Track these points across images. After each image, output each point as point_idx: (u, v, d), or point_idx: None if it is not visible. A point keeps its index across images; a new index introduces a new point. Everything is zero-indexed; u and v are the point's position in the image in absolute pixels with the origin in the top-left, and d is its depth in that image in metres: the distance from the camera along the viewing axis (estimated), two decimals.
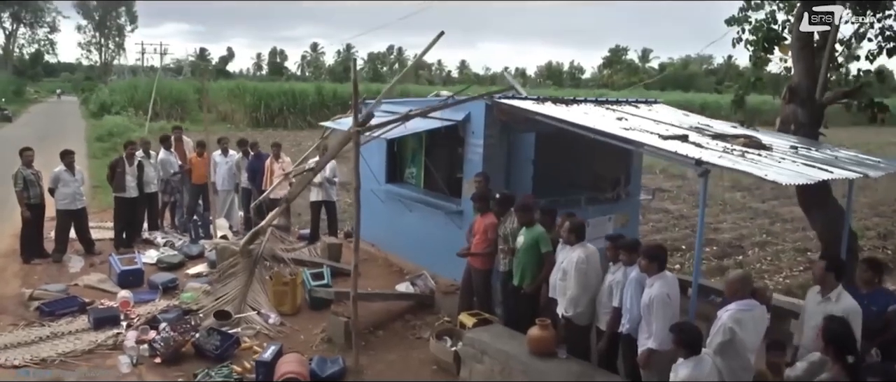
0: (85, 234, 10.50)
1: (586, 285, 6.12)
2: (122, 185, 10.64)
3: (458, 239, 8.31)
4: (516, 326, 6.77)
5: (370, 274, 9.85)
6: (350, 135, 6.87)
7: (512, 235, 7.22)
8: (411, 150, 10.41)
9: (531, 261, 6.88)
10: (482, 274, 7.69)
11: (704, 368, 4.57)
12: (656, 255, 5.47)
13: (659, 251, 5.57)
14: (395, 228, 10.29)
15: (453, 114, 8.71)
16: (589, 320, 6.26)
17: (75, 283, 9.13)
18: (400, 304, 8.52)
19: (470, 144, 8.67)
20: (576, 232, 6.27)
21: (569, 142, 10.21)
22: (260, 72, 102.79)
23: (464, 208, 8.78)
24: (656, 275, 5.42)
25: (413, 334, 7.85)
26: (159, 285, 8.87)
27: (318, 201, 11.22)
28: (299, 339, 7.60)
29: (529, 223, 6.97)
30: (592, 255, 6.22)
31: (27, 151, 10.12)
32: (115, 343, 7.19)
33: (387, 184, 10.42)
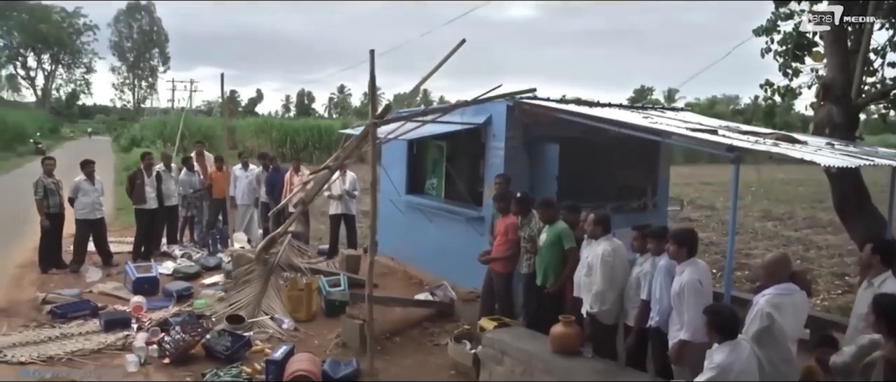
0: (103, 245, 10.42)
1: (613, 279, 5.78)
2: (141, 197, 10.58)
3: (479, 247, 8.04)
4: (539, 328, 6.43)
5: (389, 286, 9.59)
6: (368, 129, 6.69)
7: (535, 235, 6.94)
8: (432, 161, 10.22)
9: (554, 259, 6.57)
10: (503, 278, 7.38)
11: (742, 353, 4.20)
12: (685, 239, 5.14)
13: (688, 235, 5.23)
14: (415, 240, 10.05)
15: (474, 117, 8.53)
16: (615, 319, 5.91)
17: (90, 290, 9.01)
18: (418, 312, 8.21)
19: (491, 148, 8.45)
20: (602, 224, 5.97)
21: (593, 151, 10.00)
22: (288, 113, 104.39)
23: (485, 214, 8.53)
24: (686, 262, 5.08)
25: (431, 341, 7.54)
26: (173, 293, 8.69)
27: (338, 214, 11.04)
28: (313, 344, 7.32)
29: (552, 220, 6.69)
30: (619, 249, 5.90)
31: (48, 160, 10.15)
32: (124, 345, 6.99)
33: (407, 195, 10.21)
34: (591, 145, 9.88)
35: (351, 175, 11.17)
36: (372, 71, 6.45)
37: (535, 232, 6.98)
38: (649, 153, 9.83)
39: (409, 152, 10.26)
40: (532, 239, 6.95)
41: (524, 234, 7.13)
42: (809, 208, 22.12)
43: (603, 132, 9.15)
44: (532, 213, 7.11)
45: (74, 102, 79.37)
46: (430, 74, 7.46)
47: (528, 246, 6.97)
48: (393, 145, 10.55)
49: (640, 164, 9.90)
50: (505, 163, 8.18)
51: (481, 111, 8.48)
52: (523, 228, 7.16)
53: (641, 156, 9.81)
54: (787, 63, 10.43)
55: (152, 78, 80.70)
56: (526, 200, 7.21)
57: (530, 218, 7.11)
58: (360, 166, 12.10)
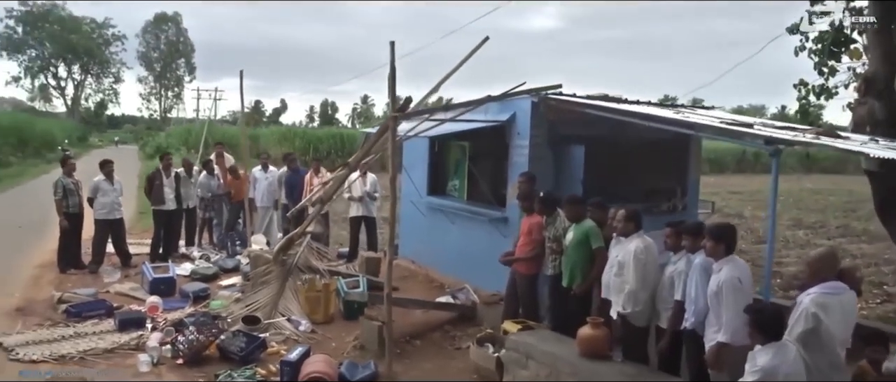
0: (122, 246, 10.32)
1: (646, 279, 5.47)
2: (159, 197, 10.48)
3: (502, 249, 7.76)
4: (566, 331, 6.14)
5: (410, 289, 9.34)
6: (387, 123, 6.47)
7: (560, 234, 6.67)
8: (454, 162, 9.98)
9: (582, 259, 6.28)
10: (527, 280, 7.10)
11: (788, 355, 3.88)
12: (723, 235, 4.82)
13: (726, 230, 4.91)
14: (437, 242, 9.80)
15: (497, 114, 8.29)
16: (647, 321, 5.60)
17: (106, 290, 8.90)
18: (439, 315, 7.95)
19: (515, 146, 8.19)
20: (633, 220, 5.67)
21: (619, 153, 9.67)
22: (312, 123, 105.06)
23: (509, 215, 8.26)
24: (724, 259, 4.77)
25: (452, 344, 7.27)
26: (190, 294, 8.54)
27: (358, 217, 10.84)
28: (331, 346, 7.09)
29: (579, 218, 6.40)
30: (651, 247, 5.59)
31: (69, 160, 10.09)
32: (137, 344, 6.82)
33: (428, 197, 9.98)
34: (618, 146, 9.56)
35: (372, 177, 10.97)
36: (392, 62, 6.24)
37: (560, 232, 6.70)
38: (678, 154, 9.50)
39: (430, 152, 10.03)
40: (557, 239, 6.66)
41: (549, 234, 6.85)
42: (842, 217, 21.50)
43: (630, 132, 8.90)
44: (557, 213, 6.84)
45: (103, 112, 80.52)
46: (453, 72, 7.25)
47: (554, 246, 6.68)
48: (414, 146, 10.35)
49: (668, 166, 9.57)
50: (529, 161, 7.91)
51: (505, 108, 8.24)
52: (548, 228, 6.89)
53: (670, 158, 9.48)
54: (822, 61, 10.04)
55: (178, 88, 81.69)
56: (550, 199, 6.94)
57: (555, 218, 6.84)
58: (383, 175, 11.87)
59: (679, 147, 9.49)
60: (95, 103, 79.13)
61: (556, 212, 6.85)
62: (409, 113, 6.50)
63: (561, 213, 6.82)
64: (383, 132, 6.79)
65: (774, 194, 5.30)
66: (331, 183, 7.89)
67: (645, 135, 9.11)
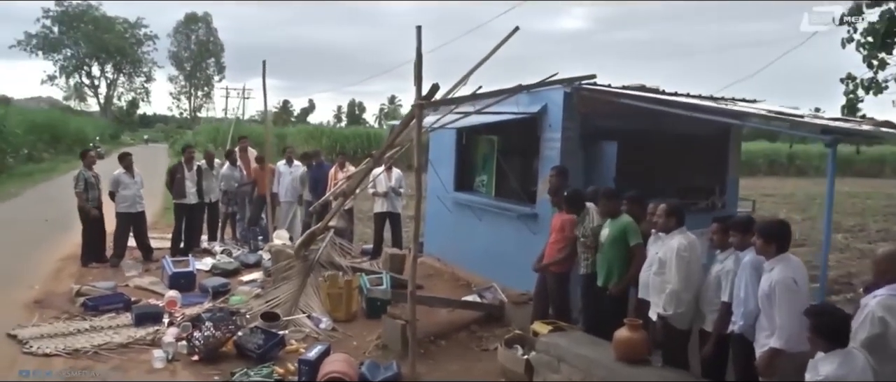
0: (143, 239, 10.17)
1: (689, 278, 5.07)
2: (181, 191, 10.31)
3: (532, 247, 7.43)
4: (600, 333, 5.77)
5: (435, 288, 9.02)
6: (413, 111, 6.16)
7: (593, 232, 6.30)
8: (482, 157, 9.64)
9: (618, 256, 5.90)
10: (559, 279, 6.74)
11: (856, 364, 3.47)
12: (775, 233, 4.37)
13: (778, 228, 4.44)
14: (464, 240, 9.48)
15: (528, 106, 7.93)
16: (690, 323, 5.19)
17: (126, 284, 8.73)
18: (466, 315, 7.63)
19: (546, 140, 7.82)
20: (675, 215, 5.27)
21: (654, 148, 9.26)
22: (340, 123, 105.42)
23: (538, 211, 7.90)
24: (776, 258, 4.34)
25: (479, 345, 6.94)
26: (210, 289, 8.32)
27: (383, 212, 10.55)
28: (352, 345, 6.80)
29: (614, 213, 6.02)
30: (695, 244, 5.18)
31: (89, 153, 9.97)
32: (153, 340, 6.60)
33: (455, 193, 9.65)
34: (652, 141, 9.17)
35: (397, 172, 10.68)
36: (418, 49, 5.93)
37: (589, 230, 6.33)
38: (716, 150, 9.06)
39: (457, 147, 9.71)
40: (593, 235, 6.28)
41: (579, 232, 6.48)
42: (882, 220, 20.70)
43: (665, 126, 8.50)
44: (586, 210, 6.46)
45: (134, 110, 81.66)
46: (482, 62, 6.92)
47: (588, 243, 6.31)
48: (441, 141, 10.05)
49: (706, 163, 9.13)
50: (561, 155, 7.54)
51: (536, 100, 7.89)
52: (578, 226, 6.52)
53: (708, 154, 9.05)
54: (872, 54, 9.52)
55: (208, 87, 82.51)
56: (576, 197, 6.54)
57: (584, 216, 6.46)
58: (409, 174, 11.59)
59: (717, 143, 9.06)
60: (127, 102, 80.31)
61: (585, 209, 6.48)
62: (435, 101, 6.17)
63: (591, 210, 6.44)
64: (408, 122, 6.48)
65: (831, 188, 4.89)
66: (354, 177, 7.58)
67: (681, 129, 8.72)
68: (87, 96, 77.95)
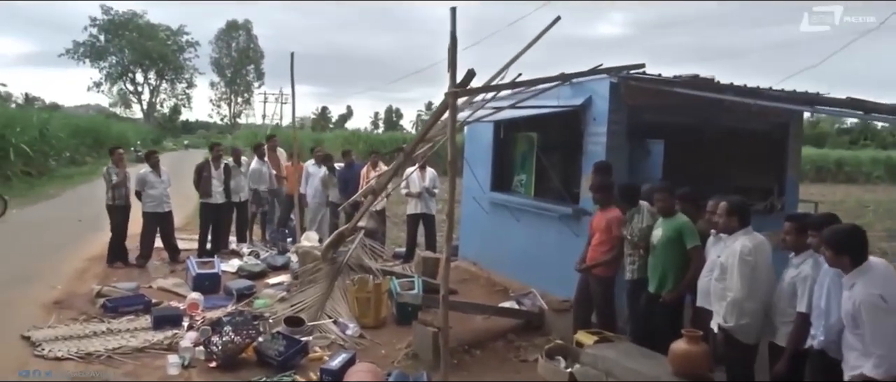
0: (170, 240, 9.88)
1: (754, 286, 4.46)
2: (208, 190, 10.00)
3: (574, 249, 6.87)
4: (650, 345, 5.20)
5: (470, 293, 8.52)
6: (446, 100, 5.67)
7: (640, 232, 5.72)
8: (520, 155, 9.10)
9: (673, 260, 5.32)
10: (604, 283, 6.17)
11: None
12: (844, 243, 3.68)
13: (849, 236, 3.73)
14: (501, 243, 8.95)
15: (571, 98, 7.39)
16: (757, 336, 4.58)
17: (149, 285, 8.42)
18: (502, 323, 7.10)
19: (590, 135, 7.26)
20: (737, 213, 4.67)
21: (705, 146, 8.64)
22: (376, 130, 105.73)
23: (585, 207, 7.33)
24: (856, 272, 3.66)
25: (517, 356, 6.39)
26: (234, 291, 7.95)
27: (416, 214, 10.09)
28: (380, 353, 6.34)
29: (669, 211, 5.44)
30: (762, 246, 4.58)
31: (117, 150, 9.74)
32: (170, 344, 6.22)
33: (492, 193, 9.13)
34: (704, 138, 8.54)
35: (431, 171, 10.22)
36: (453, 31, 5.44)
37: (636, 231, 5.76)
38: (774, 147, 8.36)
39: (494, 145, 9.19)
40: (643, 236, 5.71)
41: (627, 232, 5.91)
42: None
43: (719, 121, 7.87)
44: (639, 207, 5.90)
45: (177, 116, 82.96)
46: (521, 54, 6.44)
47: (637, 242, 5.73)
48: (476, 138, 9.57)
49: (763, 162, 8.44)
50: (606, 152, 6.97)
51: (579, 92, 7.34)
52: (626, 225, 5.95)
53: (764, 152, 8.36)
54: None
55: (248, 93, 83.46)
56: (631, 190, 5.99)
57: (632, 214, 5.90)
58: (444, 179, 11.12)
59: (775, 139, 8.36)
60: (170, 108, 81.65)
61: (638, 207, 5.92)
62: (470, 89, 5.66)
63: (643, 209, 5.88)
64: (441, 113, 5.99)
65: None
66: (384, 174, 7.13)
67: (735, 125, 8.08)
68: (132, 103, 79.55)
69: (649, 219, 5.80)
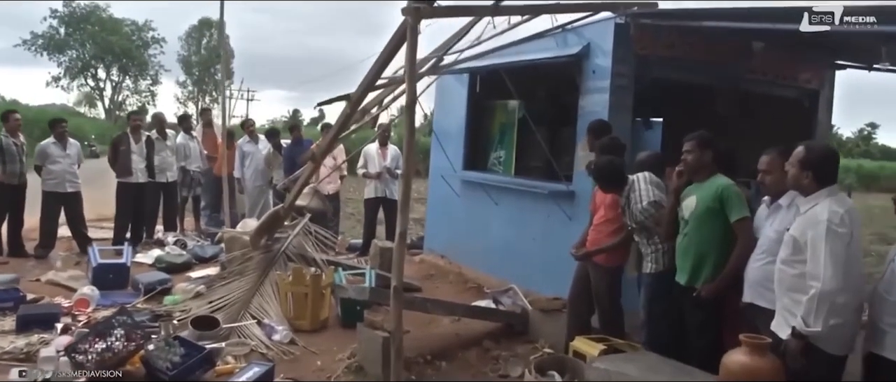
0: (78, 226, 8.21)
1: (851, 268, 3.02)
2: (127, 167, 8.31)
3: (566, 236, 5.47)
4: (678, 356, 3.77)
5: (437, 291, 7.01)
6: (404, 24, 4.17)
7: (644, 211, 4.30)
8: (498, 127, 7.64)
9: (711, 239, 3.86)
10: (609, 274, 4.73)
11: None
12: None
13: None
14: (475, 230, 7.48)
15: (564, 48, 5.97)
16: (850, 346, 3.14)
17: (37, 279, 6.79)
18: (476, 327, 5.62)
19: (589, 90, 5.83)
20: (816, 167, 3.22)
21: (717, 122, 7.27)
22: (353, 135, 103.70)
23: (576, 188, 5.90)
24: None
25: (495, 369, 4.91)
26: (142, 285, 6.36)
27: (375, 198, 8.57)
28: (313, 365, 4.81)
29: (702, 170, 4.00)
30: (854, 214, 3.15)
31: (13, 115, 8.06)
32: (28, 353, 4.62)
33: (465, 171, 7.66)
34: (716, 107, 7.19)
35: (393, 149, 8.74)
36: None
37: (639, 213, 4.33)
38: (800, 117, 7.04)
39: (469, 114, 7.72)
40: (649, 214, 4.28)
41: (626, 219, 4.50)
42: None
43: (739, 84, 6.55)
44: (630, 184, 4.47)
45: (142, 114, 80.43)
46: None
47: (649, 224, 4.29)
48: (447, 107, 8.10)
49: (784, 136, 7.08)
50: (610, 112, 5.55)
51: (575, 39, 5.92)
52: (624, 212, 4.54)
53: (788, 124, 7.01)
54: None
55: (216, 92, 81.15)
56: (609, 169, 4.55)
57: (628, 193, 4.46)
58: None
59: (804, 110, 7.04)
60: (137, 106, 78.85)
61: (629, 184, 4.48)
62: (440, 9, 4.16)
63: (639, 180, 4.45)
64: (398, 44, 4.46)
65: None
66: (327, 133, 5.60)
67: (760, 91, 6.75)
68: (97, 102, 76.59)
69: (655, 191, 4.38)
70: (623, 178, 4.46)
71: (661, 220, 4.27)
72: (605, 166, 4.47)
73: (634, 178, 4.45)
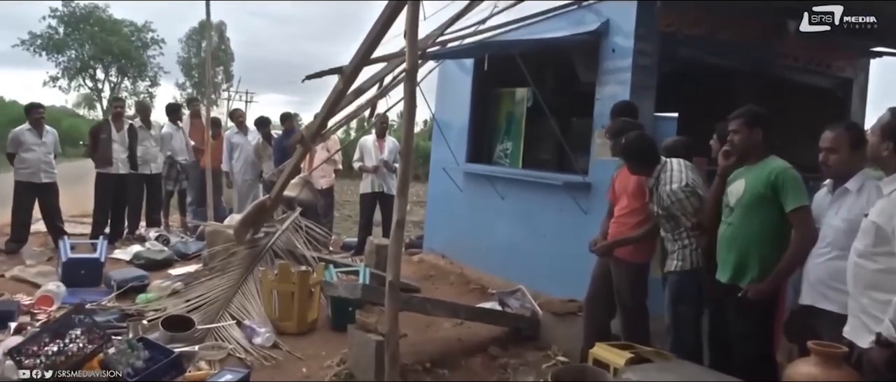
0: (53, 219, 7.65)
1: None
2: (107, 157, 7.76)
3: (581, 233, 4.93)
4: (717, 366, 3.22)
5: (437, 292, 6.42)
6: None
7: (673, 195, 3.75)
8: (505, 116, 7.10)
9: (761, 230, 3.30)
10: (633, 271, 4.18)
11: None
12: None
13: None
14: (479, 227, 6.93)
15: (579, 25, 5.43)
16: None
17: (1, 275, 6.24)
18: (480, 332, 5.07)
19: (607, 72, 5.29)
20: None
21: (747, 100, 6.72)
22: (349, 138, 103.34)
23: (592, 179, 5.35)
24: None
25: (502, 378, 4.36)
26: (114, 282, 5.80)
27: (372, 193, 8.01)
28: (298, 372, 4.26)
29: (752, 152, 3.45)
30: None
31: None
32: None
33: (468, 164, 7.11)
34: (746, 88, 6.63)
35: (392, 141, 8.19)
36: None
37: (667, 198, 3.78)
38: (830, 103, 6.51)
39: (472, 103, 7.18)
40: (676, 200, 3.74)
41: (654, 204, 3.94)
42: None
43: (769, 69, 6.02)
44: (662, 165, 3.92)
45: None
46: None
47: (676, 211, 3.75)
48: (450, 94, 7.57)
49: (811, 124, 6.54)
50: (632, 92, 5.01)
51: (592, 17, 5.39)
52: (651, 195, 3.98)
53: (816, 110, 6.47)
54: None
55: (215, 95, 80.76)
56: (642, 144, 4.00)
57: (658, 173, 3.91)
58: None
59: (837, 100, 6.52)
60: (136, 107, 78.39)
61: (661, 165, 3.93)
62: None
63: (670, 166, 3.90)
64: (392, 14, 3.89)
65: None
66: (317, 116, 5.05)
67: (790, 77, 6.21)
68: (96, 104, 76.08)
69: (690, 175, 3.84)
70: (655, 157, 3.91)
71: (687, 209, 3.73)
72: (635, 141, 3.92)
73: (668, 160, 3.90)
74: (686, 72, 6.13)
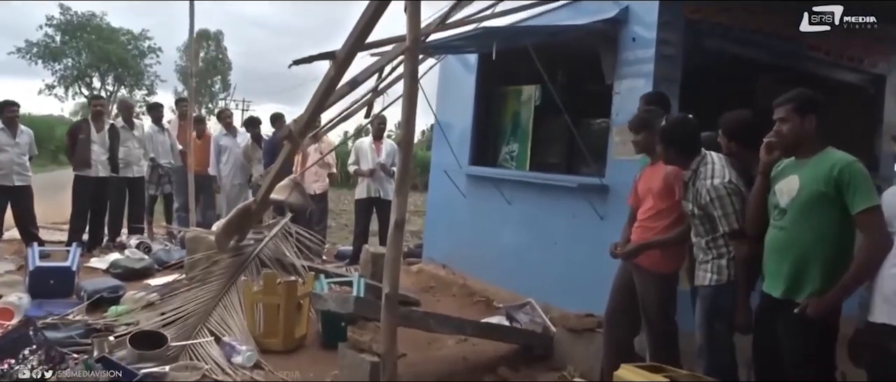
0: (26, 224, 7.16)
1: None
2: (85, 158, 7.28)
3: (597, 241, 4.45)
4: None
5: (438, 306, 5.95)
6: None
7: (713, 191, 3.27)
8: (511, 116, 6.65)
9: (822, 237, 2.82)
10: (660, 281, 3.69)
11: None
12: None
13: None
14: (484, 235, 6.45)
15: (597, 13, 4.98)
16: None
17: None
18: (487, 349, 4.60)
19: (627, 62, 4.83)
20: None
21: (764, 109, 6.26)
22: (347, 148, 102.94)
23: (609, 181, 4.87)
24: None
25: None
26: (85, 293, 5.31)
27: (368, 198, 7.54)
28: None
29: (804, 148, 2.97)
30: None
31: None
32: None
33: (472, 167, 6.64)
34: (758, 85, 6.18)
35: (389, 143, 7.74)
36: None
37: (706, 195, 3.29)
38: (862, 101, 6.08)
39: (476, 103, 6.73)
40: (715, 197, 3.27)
41: (689, 200, 3.46)
42: None
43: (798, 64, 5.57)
44: (703, 157, 3.45)
45: None
46: None
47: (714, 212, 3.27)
48: (452, 92, 7.13)
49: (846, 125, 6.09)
50: (655, 83, 4.56)
51: (610, 4, 4.94)
52: (686, 190, 3.50)
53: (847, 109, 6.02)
54: None
55: (212, 104, 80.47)
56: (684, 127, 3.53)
57: (698, 165, 3.43)
58: None
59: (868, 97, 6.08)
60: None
61: (702, 157, 3.45)
62: None
63: (710, 161, 3.42)
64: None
65: None
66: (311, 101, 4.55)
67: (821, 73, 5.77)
68: None
69: (733, 172, 3.36)
70: (697, 146, 3.44)
71: (728, 210, 3.24)
72: (679, 124, 3.46)
73: (708, 153, 3.43)
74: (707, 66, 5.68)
